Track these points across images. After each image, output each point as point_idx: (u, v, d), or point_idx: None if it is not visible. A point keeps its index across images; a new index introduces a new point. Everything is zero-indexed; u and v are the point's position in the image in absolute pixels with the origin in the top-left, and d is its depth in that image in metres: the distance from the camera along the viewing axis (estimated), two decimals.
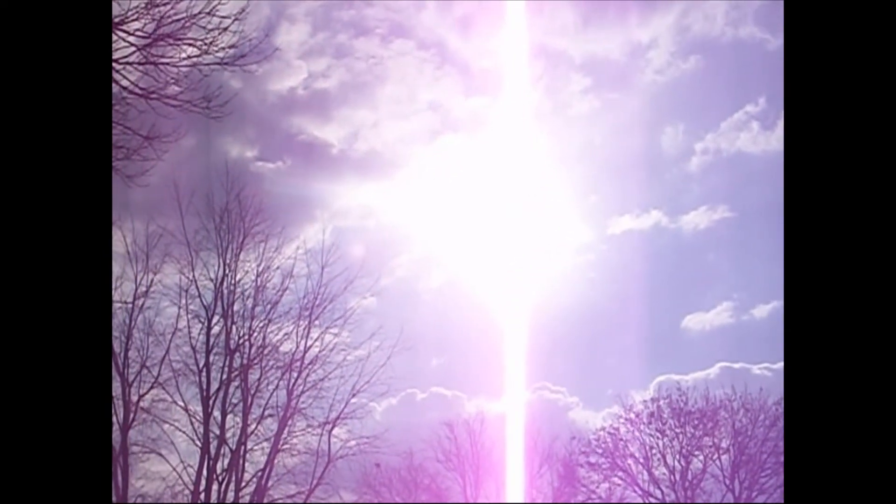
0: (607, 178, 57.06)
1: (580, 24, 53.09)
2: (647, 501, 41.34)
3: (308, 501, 28.47)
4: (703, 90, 58.24)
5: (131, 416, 26.54)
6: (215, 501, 27.20)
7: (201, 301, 28.34)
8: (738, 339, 55.96)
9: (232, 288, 28.60)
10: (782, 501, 40.04)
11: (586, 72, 55.74)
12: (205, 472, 27.29)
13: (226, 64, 13.44)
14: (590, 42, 54.78)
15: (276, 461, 28.42)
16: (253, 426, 28.40)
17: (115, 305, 24.36)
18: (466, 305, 48.11)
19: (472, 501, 42.25)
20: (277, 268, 29.15)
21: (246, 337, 28.57)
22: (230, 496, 27.59)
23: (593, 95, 55.64)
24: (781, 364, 50.70)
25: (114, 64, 9.61)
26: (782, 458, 40.19)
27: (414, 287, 53.12)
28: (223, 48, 13.11)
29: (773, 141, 55.98)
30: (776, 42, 55.64)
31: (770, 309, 56.83)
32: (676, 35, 55.24)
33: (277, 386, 28.80)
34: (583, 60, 55.16)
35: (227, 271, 28.49)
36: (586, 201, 52.76)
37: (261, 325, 28.87)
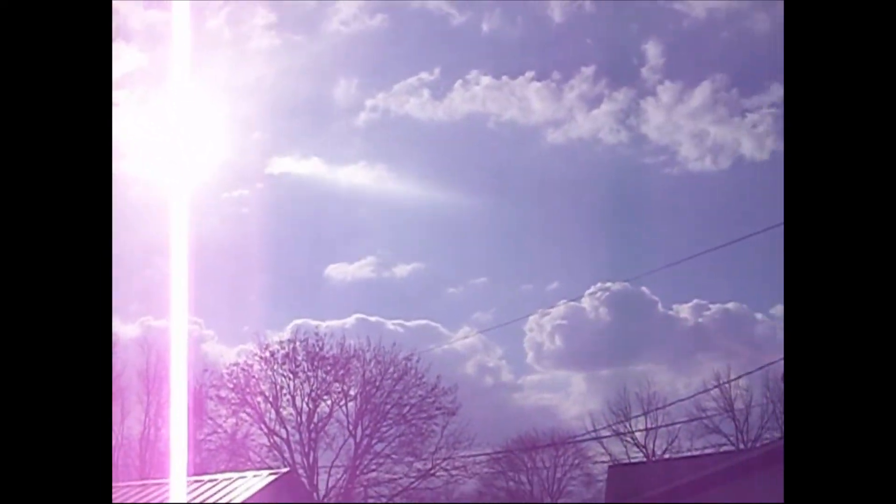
0: (274, 117, 56.73)
1: None
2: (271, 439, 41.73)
3: None
4: (383, 49, 59.23)
5: None
6: None
7: None
8: (377, 294, 57.88)
9: None
10: (400, 450, 41.83)
11: (273, 7, 54.94)
12: None
13: None
14: None
15: None
16: None
17: None
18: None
19: None
20: None
21: None
22: None
23: (275, 33, 55.05)
24: (416, 322, 52.95)
25: None
26: (405, 410, 41.98)
27: None
28: None
29: (439, 111, 58.03)
30: (461, 18, 57.59)
31: (410, 269, 59.22)
32: None
33: None
34: None
35: None
36: (249, 137, 52.18)
37: None
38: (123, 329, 42.99)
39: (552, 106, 58.97)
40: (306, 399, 41.99)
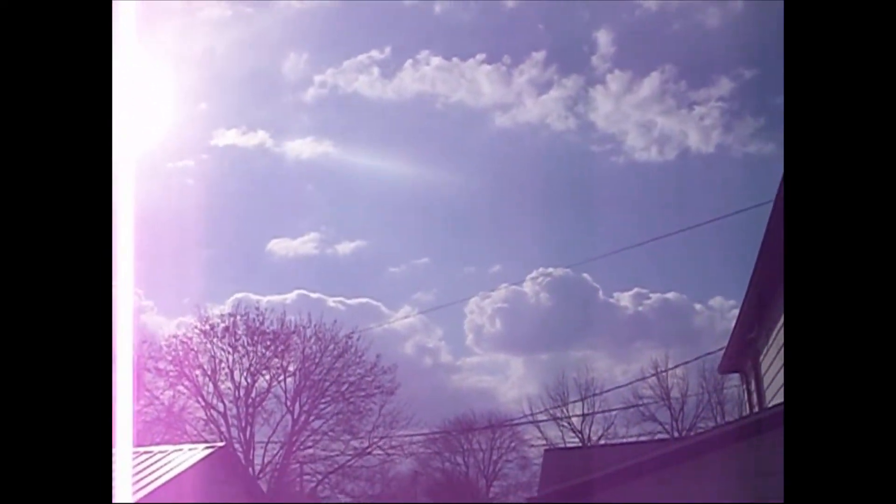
0: (221, 89, 56.13)
1: None
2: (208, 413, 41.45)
3: None
4: (334, 25, 58.74)
5: None
6: None
7: None
8: (319, 271, 57.83)
9: None
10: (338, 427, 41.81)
11: None
12: None
13: None
14: None
15: None
16: None
17: None
18: None
19: None
20: None
21: None
22: None
23: (226, 4, 54.18)
24: (357, 300, 52.91)
25: None
26: (343, 388, 41.95)
27: None
28: None
29: (388, 90, 57.79)
30: None
31: (353, 247, 59.17)
32: None
33: None
34: None
35: None
36: (195, 108, 51.56)
37: None
38: None
39: (501, 89, 59.05)
40: (245, 374, 41.75)
